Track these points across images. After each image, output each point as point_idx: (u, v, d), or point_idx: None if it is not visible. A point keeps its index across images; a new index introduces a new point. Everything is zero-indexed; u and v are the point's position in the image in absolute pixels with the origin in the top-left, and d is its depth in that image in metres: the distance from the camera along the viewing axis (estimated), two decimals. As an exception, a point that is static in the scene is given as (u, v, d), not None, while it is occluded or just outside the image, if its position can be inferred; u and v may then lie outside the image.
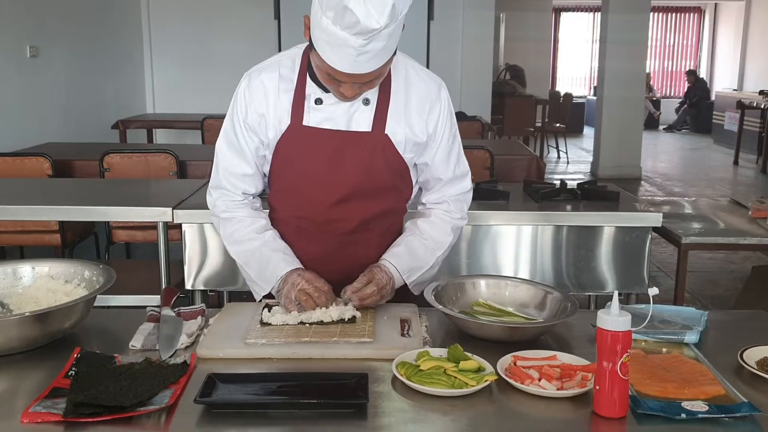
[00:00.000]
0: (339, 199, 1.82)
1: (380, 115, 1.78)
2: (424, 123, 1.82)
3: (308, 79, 1.78)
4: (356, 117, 1.78)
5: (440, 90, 1.84)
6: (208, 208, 1.95)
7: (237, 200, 1.89)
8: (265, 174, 1.91)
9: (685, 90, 15.63)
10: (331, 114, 1.77)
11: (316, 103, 1.77)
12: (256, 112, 1.79)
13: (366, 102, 1.77)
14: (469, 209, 2.00)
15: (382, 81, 1.73)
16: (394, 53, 1.65)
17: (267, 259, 1.81)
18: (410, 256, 1.84)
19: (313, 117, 1.78)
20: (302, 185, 1.84)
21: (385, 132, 1.78)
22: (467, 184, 1.96)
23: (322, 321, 1.66)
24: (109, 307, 2.71)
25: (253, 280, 1.86)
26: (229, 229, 1.88)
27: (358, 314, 1.69)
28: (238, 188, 1.88)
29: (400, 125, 1.79)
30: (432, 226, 1.90)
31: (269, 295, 1.83)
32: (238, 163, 1.85)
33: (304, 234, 1.88)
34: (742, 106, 11.09)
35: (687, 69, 16.22)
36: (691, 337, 1.63)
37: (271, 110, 1.79)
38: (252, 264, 1.84)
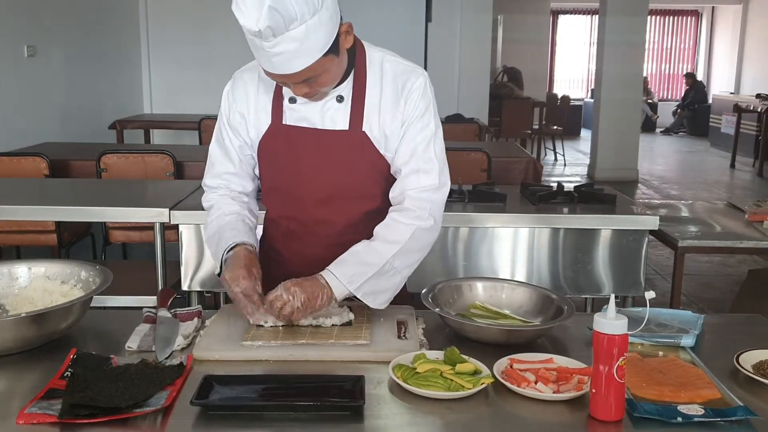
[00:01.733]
0: (323, 197, 1.81)
1: (356, 112, 1.77)
2: (401, 114, 1.77)
3: None
4: (331, 115, 1.77)
5: (417, 78, 1.77)
6: (204, 208, 1.97)
7: (220, 193, 1.93)
8: (257, 175, 1.93)
9: (683, 93, 15.66)
10: (305, 113, 1.78)
11: (290, 102, 1.78)
12: (238, 112, 1.83)
13: (340, 99, 1.76)
14: (465, 211, 1.97)
15: (356, 77, 1.74)
16: (333, 51, 1.61)
17: (219, 238, 1.82)
18: (352, 261, 1.72)
19: (290, 116, 1.79)
20: (287, 184, 1.84)
21: (363, 129, 1.77)
22: (432, 181, 1.78)
23: (315, 325, 1.66)
24: (105, 307, 2.70)
25: (214, 258, 1.87)
26: (208, 218, 1.92)
27: (352, 317, 1.69)
28: (221, 185, 1.92)
29: (377, 122, 1.77)
30: (383, 228, 1.78)
31: None
32: (223, 162, 1.89)
33: (293, 235, 1.89)
34: (739, 110, 11.11)
35: (685, 72, 16.24)
36: (688, 340, 1.64)
37: (252, 110, 1.82)
38: (211, 243, 1.87)
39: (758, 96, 11.46)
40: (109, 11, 7.21)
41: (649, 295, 1.40)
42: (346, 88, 1.76)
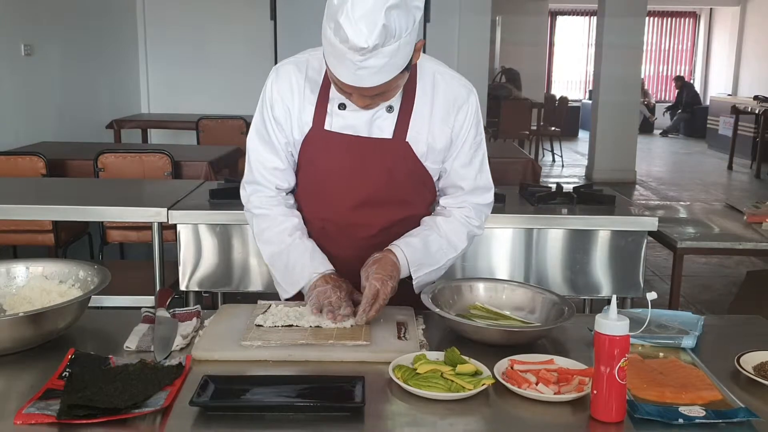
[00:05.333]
0: (359, 203, 1.81)
1: (402, 122, 1.76)
2: (450, 129, 1.79)
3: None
4: (378, 123, 1.76)
5: (469, 95, 1.80)
6: (242, 203, 1.92)
7: (271, 195, 1.87)
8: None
9: (676, 95, 15.72)
10: (353, 120, 1.76)
11: (339, 108, 1.75)
12: (285, 107, 1.79)
13: (390, 109, 1.75)
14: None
15: (406, 87, 1.73)
16: (407, 69, 1.62)
17: (293, 263, 1.80)
18: (424, 251, 1.80)
19: (335, 122, 1.77)
20: (324, 187, 1.83)
21: (406, 140, 1.77)
22: (489, 197, 1.92)
23: (317, 326, 1.65)
24: (102, 307, 2.69)
25: (278, 282, 1.86)
26: (262, 225, 1.87)
27: (352, 320, 1.68)
28: (272, 183, 1.86)
29: (423, 133, 1.77)
30: (450, 227, 1.85)
31: (296, 296, 1.83)
32: (270, 158, 1.84)
33: (327, 235, 1.87)
34: (736, 111, 11.12)
35: (675, 75, 16.27)
36: (688, 341, 1.63)
37: (296, 109, 1.78)
38: (278, 266, 1.84)
39: (756, 98, 11.48)
40: (106, 10, 7.20)
41: (651, 296, 1.40)
42: (396, 99, 1.75)
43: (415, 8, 1.55)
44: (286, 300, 1.84)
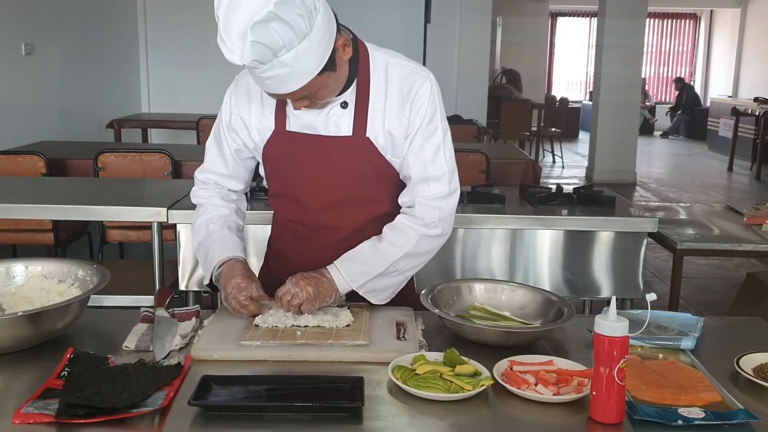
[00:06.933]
0: (328, 203, 1.80)
1: (360, 117, 1.74)
2: (406, 119, 1.75)
3: None
4: (335, 121, 1.75)
5: (424, 82, 1.74)
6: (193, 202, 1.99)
7: (209, 188, 1.94)
8: (256, 175, 1.94)
9: (676, 97, 15.73)
10: (309, 119, 1.76)
11: (294, 108, 1.75)
12: (240, 116, 1.82)
13: (344, 105, 1.74)
14: (464, 212, 1.95)
15: (360, 82, 1.72)
16: (329, 68, 1.58)
17: (208, 249, 1.85)
18: (358, 260, 1.75)
19: (294, 122, 1.77)
20: (292, 190, 1.83)
21: (366, 135, 1.75)
22: (442, 188, 1.77)
23: (315, 326, 1.65)
24: (102, 307, 2.69)
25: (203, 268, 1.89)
26: (196, 215, 1.94)
27: (351, 319, 1.68)
28: (212, 180, 1.94)
29: (381, 127, 1.75)
30: (392, 231, 1.79)
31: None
32: (216, 161, 1.91)
33: (300, 239, 1.87)
34: (736, 113, 11.12)
35: (675, 77, 16.28)
36: (687, 343, 1.63)
37: (254, 115, 1.80)
38: (200, 254, 1.88)
39: (756, 99, 11.47)
40: (107, 10, 7.20)
41: (651, 297, 1.40)
42: (350, 94, 1.73)
43: (298, 15, 1.45)
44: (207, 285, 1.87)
